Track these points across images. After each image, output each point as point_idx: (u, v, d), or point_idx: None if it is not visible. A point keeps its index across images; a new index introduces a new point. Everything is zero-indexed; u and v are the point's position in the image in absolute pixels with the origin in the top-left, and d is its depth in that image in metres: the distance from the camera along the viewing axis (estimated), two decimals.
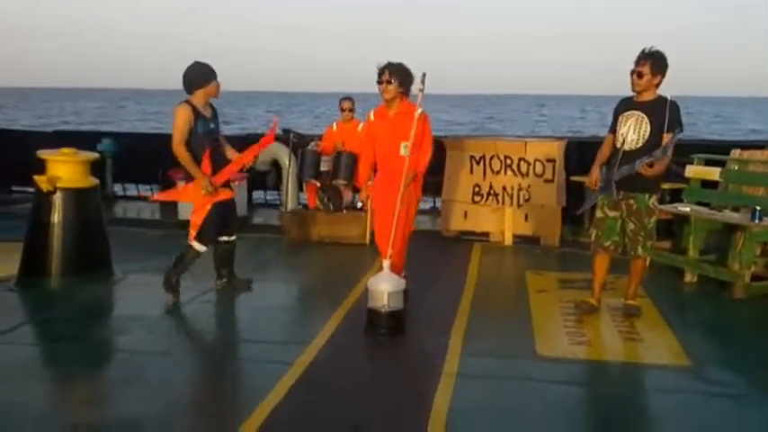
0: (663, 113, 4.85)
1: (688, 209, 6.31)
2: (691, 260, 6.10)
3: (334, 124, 8.37)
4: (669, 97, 4.91)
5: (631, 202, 5.06)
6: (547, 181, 7.57)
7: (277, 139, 6.59)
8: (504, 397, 3.84)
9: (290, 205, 8.85)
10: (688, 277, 6.11)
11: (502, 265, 6.94)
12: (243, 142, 6.67)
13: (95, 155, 6.05)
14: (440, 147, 8.15)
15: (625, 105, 5.10)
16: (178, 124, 5.22)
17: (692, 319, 5.32)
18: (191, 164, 5.27)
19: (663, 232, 6.86)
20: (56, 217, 5.70)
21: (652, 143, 4.87)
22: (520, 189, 7.70)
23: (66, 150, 5.82)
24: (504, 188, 7.78)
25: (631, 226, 5.09)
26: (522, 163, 7.69)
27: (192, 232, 5.46)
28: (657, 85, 4.97)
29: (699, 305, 5.65)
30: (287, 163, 8.69)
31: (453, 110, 70.81)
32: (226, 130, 7.21)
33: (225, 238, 5.64)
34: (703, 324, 5.21)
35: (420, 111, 5.12)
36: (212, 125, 5.41)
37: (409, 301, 5.20)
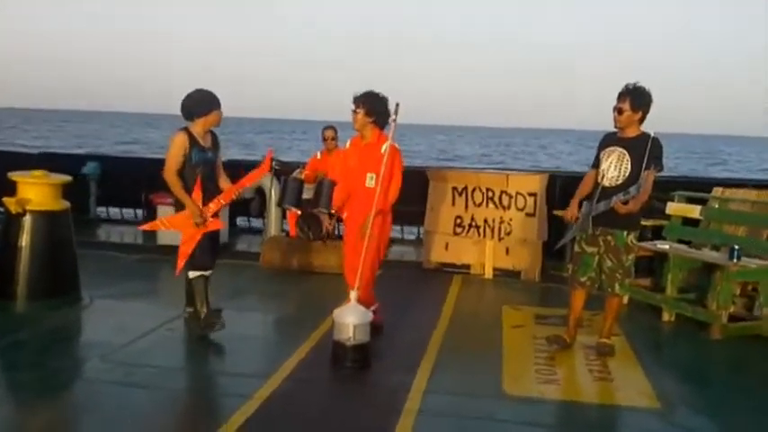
0: (644, 150, 4.80)
1: (667, 246, 6.24)
2: (668, 299, 6.00)
3: (318, 153, 8.32)
4: (653, 134, 4.86)
5: (609, 238, 4.99)
6: (528, 215, 7.50)
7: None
8: None
9: (273, 232, 8.77)
10: (666, 316, 6.01)
11: (479, 299, 6.84)
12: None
13: (67, 178, 5.96)
14: (423, 177, 8.17)
15: (608, 141, 5.05)
16: (172, 152, 5.10)
17: (666, 359, 5.23)
18: (182, 193, 5.09)
19: (643, 270, 6.81)
20: (24, 240, 5.62)
21: (632, 180, 4.81)
22: (501, 222, 7.63)
23: (36, 173, 5.75)
24: (485, 221, 7.72)
25: (609, 263, 5.01)
26: (503, 196, 7.63)
27: (181, 263, 5.21)
28: (641, 121, 4.91)
29: (674, 345, 5.55)
30: (271, 190, 8.63)
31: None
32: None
33: (208, 273, 5.37)
34: (677, 365, 5.11)
35: (388, 143, 5.06)
36: (210, 154, 5.23)
37: (382, 333, 5.13)
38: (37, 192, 5.69)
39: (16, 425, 3.82)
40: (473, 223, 7.79)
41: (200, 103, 5.17)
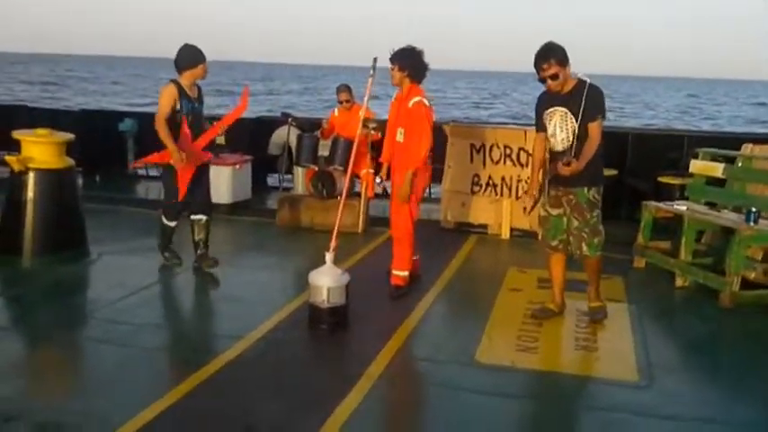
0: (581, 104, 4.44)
1: (684, 207, 5.85)
2: (681, 263, 5.66)
3: (336, 109, 8.18)
4: (588, 80, 4.50)
5: (571, 197, 4.70)
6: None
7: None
8: (414, 405, 3.62)
9: (300, 190, 8.74)
10: (679, 281, 5.68)
11: (488, 260, 6.64)
12: None
13: (70, 136, 6.06)
14: (442, 133, 7.92)
15: (546, 102, 4.68)
16: (162, 102, 5.47)
17: (663, 328, 4.94)
18: (168, 139, 5.41)
19: (663, 231, 6.45)
20: (28, 197, 5.75)
21: (582, 136, 4.49)
22: (519, 180, 7.34)
23: (40, 131, 5.86)
24: (502, 179, 7.45)
25: (575, 223, 4.72)
26: (521, 153, 7.33)
27: (182, 191, 5.65)
28: (569, 72, 4.55)
29: (679, 313, 5.24)
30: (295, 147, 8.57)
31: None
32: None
33: (196, 217, 5.85)
34: (673, 335, 4.83)
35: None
36: (196, 105, 5.63)
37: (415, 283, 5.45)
38: (40, 150, 5.80)
39: None
40: (490, 181, 7.54)
41: (188, 57, 5.51)
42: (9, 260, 5.79)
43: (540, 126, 4.72)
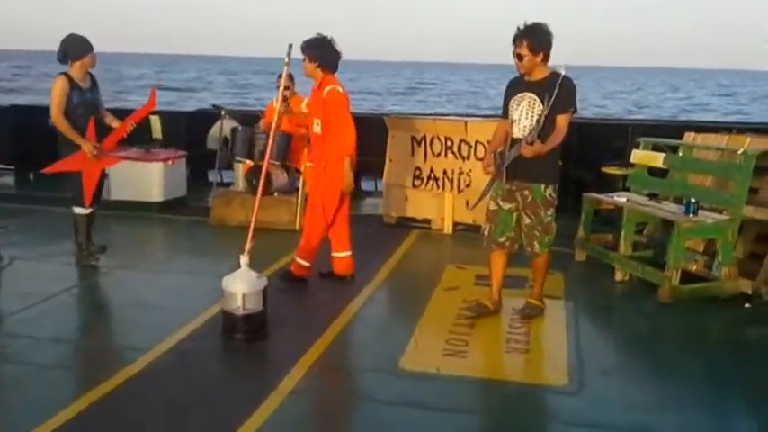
0: (553, 93, 4.24)
1: (623, 199, 5.67)
2: (620, 257, 5.48)
3: (274, 100, 7.82)
4: (563, 71, 4.29)
5: (526, 192, 4.48)
6: (478, 159, 6.94)
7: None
8: (324, 421, 3.34)
9: (240, 186, 8.37)
10: (619, 276, 5.50)
11: (426, 257, 6.38)
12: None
13: None
14: (379, 125, 7.65)
15: (516, 86, 4.50)
16: (54, 96, 5.40)
17: (599, 326, 4.75)
18: (72, 132, 5.37)
19: (605, 223, 6.28)
20: None
21: (548, 128, 4.27)
22: (461, 173, 7.10)
23: None
24: (444, 172, 7.20)
25: (527, 220, 4.51)
26: (462, 145, 7.09)
27: (88, 198, 5.60)
28: (545, 61, 4.36)
29: (616, 309, 5.06)
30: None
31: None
32: None
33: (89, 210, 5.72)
34: (609, 333, 4.65)
35: (329, 87, 4.95)
36: (89, 95, 5.55)
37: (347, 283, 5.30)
38: None
39: None
40: (432, 175, 7.28)
41: (74, 48, 5.45)
42: None
43: (505, 111, 4.49)
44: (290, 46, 4.50)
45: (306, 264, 5.27)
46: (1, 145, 9.81)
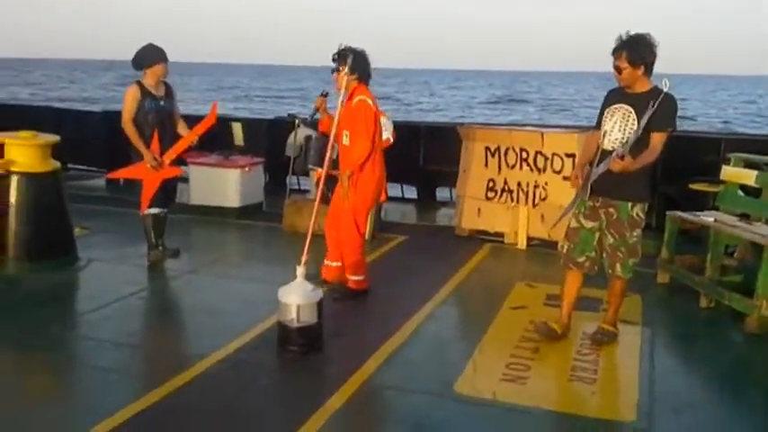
0: (652, 107, 3.96)
1: (711, 219, 5.26)
2: (706, 281, 5.07)
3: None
4: (666, 87, 3.99)
5: (611, 210, 4.20)
6: (566, 178, 6.61)
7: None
8: None
9: (314, 193, 8.42)
10: (703, 302, 5.09)
11: (496, 272, 6.14)
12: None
13: (55, 138, 5.85)
14: (456, 135, 7.48)
15: (613, 97, 4.24)
16: (126, 103, 5.60)
17: (677, 357, 4.39)
18: (137, 140, 5.57)
19: (690, 242, 5.86)
20: (11, 201, 5.55)
21: (642, 144, 3.99)
22: (536, 186, 6.83)
23: (24, 134, 5.66)
24: (518, 184, 6.95)
25: (610, 240, 4.24)
26: (538, 157, 6.81)
27: (144, 205, 5.78)
28: (647, 74, 4.08)
29: (698, 339, 4.65)
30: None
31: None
32: None
33: (159, 210, 5.87)
34: (687, 365, 4.27)
35: (359, 98, 4.89)
36: (162, 103, 5.70)
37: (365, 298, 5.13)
38: (23, 153, 5.60)
39: None
40: (506, 187, 7.04)
41: (146, 56, 5.62)
42: None
43: (598, 122, 4.27)
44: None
45: (361, 278, 5.20)
46: (95, 149, 10.26)
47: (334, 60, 4.92)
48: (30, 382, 3.84)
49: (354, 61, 4.85)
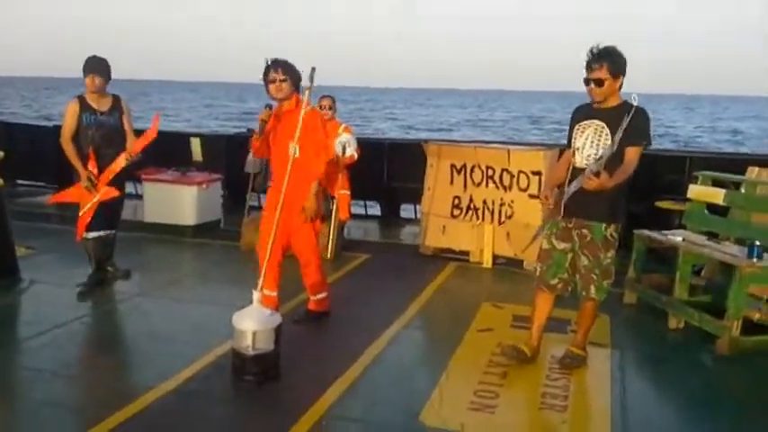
0: (624, 122, 3.83)
1: (679, 239, 5.16)
2: (675, 302, 4.96)
3: None
4: (635, 101, 3.87)
5: (585, 231, 4.06)
6: (532, 196, 6.51)
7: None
8: None
9: None
10: (673, 323, 4.99)
11: (461, 293, 5.95)
12: None
13: None
14: (421, 152, 7.33)
15: (582, 113, 4.10)
16: (64, 118, 5.34)
17: (649, 381, 4.24)
18: (74, 158, 5.26)
19: (656, 261, 5.77)
20: None
21: (615, 161, 3.85)
22: (502, 204, 6.70)
23: None
24: (484, 202, 6.81)
25: (584, 261, 4.09)
26: (504, 174, 6.68)
27: (80, 230, 5.42)
28: (620, 88, 3.96)
29: (669, 362, 4.52)
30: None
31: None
32: None
33: (104, 233, 5.54)
34: (660, 390, 4.13)
35: (309, 108, 4.52)
36: (103, 118, 5.35)
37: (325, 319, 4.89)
38: None
39: None
40: (471, 205, 6.90)
41: (83, 69, 5.31)
42: None
43: (569, 140, 4.11)
44: (314, 69, 4.19)
45: (324, 295, 4.97)
46: (46, 164, 9.84)
47: (284, 70, 4.46)
48: None
49: (294, 70, 4.52)
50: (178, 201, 7.84)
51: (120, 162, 5.30)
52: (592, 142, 3.98)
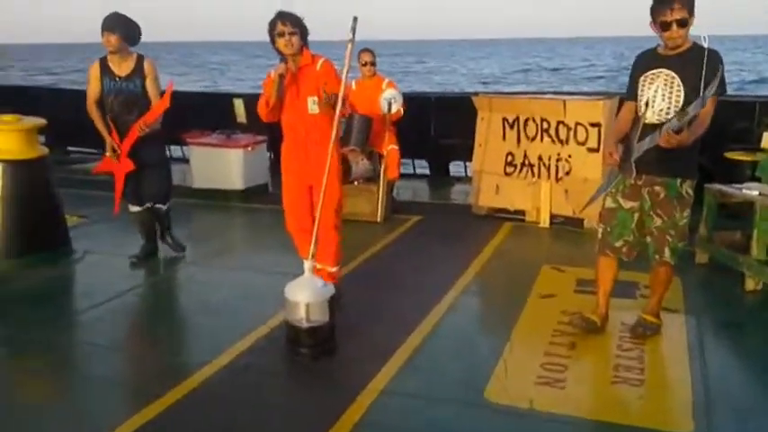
0: (700, 68, 3.48)
1: (755, 192, 4.79)
2: (751, 262, 4.62)
3: (353, 82, 7.30)
4: (706, 43, 3.51)
5: (657, 189, 3.75)
6: (590, 150, 6.16)
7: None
8: None
9: None
10: (750, 284, 4.65)
11: (520, 255, 5.69)
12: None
13: (42, 121, 5.42)
14: (470, 106, 7.01)
15: (647, 61, 3.75)
16: (88, 83, 5.03)
17: (730, 350, 3.95)
18: (100, 126, 5.02)
19: (729, 217, 5.41)
20: None
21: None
22: (558, 159, 6.36)
23: (6, 117, 5.24)
24: (539, 158, 6.48)
25: (657, 221, 3.78)
26: (560, 127, 6.33)
27: (116, 202, 5.23)
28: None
29: (750, 328, 4.22)
30: None
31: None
32: None
33: (139, 207, 5.33)
34: (743, 359, 3.84)
35: (323, 60, 4.22)
36: (123, 84, 4.94)
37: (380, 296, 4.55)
38: (7, 139, 5.20)
39: None
40: (526, 161, 6.58)
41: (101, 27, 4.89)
42: None
43: (632, 92, 3.76)
44: (355, 19, 3.88)
45: (337, 269, 4.52)
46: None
47: (294, 23, 4.10)
48: (17, 394, 3.49)
49: (302, 22, 4.17)
50: (224, 165, 7.73)
51: (134, 133, 4.92)
52: (663, 95, 3.63)
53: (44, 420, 3.22)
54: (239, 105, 9.65)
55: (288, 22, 4.11)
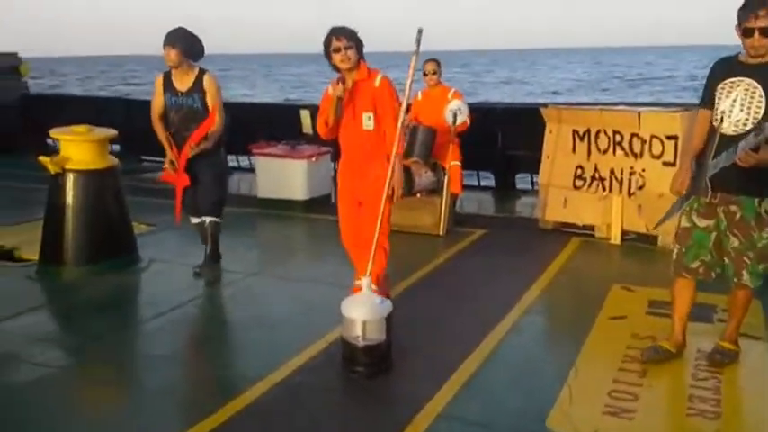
0: None
1: None
2: None
3: (419, 92, 7.22)
4: None
5: (733, 208, 3.50)
6: (666, 164, 5.87)
7: None
8: None
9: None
10: None
11: (588, 273, 5.45)
12: None
13: (112, 132, 5.54)
14: (538, 118, 6.81)
15: (727, 69, 3.50)
16: (153, 95, 5.11)
17: None
18: (162, 139, 5.08)
19: None
20: (67, 201, 5.29)
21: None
22: (632, 173, 6.09)
23: (78, 128, 5.38)
24: (611, 171, 6.23)
25: (734, 242, 3.53)
26: (634, 140, 6.07)
27: (177, 213, 5.28)
28: None
29: None
30: None
31: None
32: None
33: (198, 219, 5.35)
34: None
35: (381, 76, 4.19)
36: (183, 99, 4.94)
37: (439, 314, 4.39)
38: (77, 149, 5.33)
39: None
40: (597, 175, 6.34)
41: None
42: (51, 271, 5.36)
43: (708, 100, 3.54)
44: (420, 31, 3.80)
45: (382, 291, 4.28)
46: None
47: (349, 37, 4.09)
48: (76, 404, 3.54)
49: (358, 37, 4.14)
50: (288, 175, 7.77)
51: (186, 152, 4.96)
52: (742, 106, 3.38)
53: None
54: (305, 116, 9.70)
55: (343, 37, 4.08)
